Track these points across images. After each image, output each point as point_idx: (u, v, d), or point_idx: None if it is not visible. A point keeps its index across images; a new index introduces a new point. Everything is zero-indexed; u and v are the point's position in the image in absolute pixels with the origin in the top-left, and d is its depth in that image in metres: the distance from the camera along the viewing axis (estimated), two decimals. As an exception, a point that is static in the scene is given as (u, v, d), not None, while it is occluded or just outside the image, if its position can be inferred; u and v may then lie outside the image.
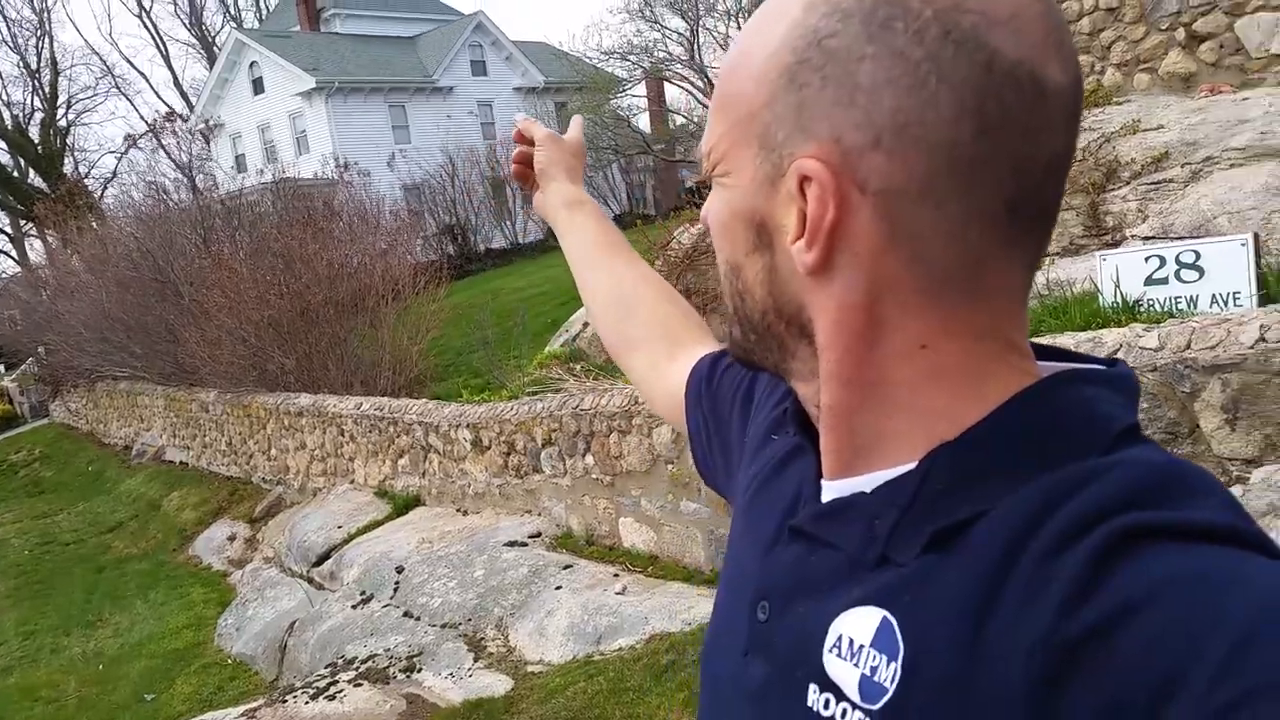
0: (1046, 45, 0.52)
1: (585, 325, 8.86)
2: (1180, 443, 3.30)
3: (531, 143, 1.20)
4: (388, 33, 30.91)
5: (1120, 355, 3.43)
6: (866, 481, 0.59)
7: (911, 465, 0.57)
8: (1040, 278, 4.97)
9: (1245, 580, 0.44)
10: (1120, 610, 0.45)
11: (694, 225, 8.02)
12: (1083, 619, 0.46)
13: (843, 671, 0.56)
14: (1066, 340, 3.67)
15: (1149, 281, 3.93)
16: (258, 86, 28.16)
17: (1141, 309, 3.90)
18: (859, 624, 0.56)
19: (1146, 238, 4.85)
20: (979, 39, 0.51)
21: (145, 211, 14.86)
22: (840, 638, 0.57)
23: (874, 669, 0.54)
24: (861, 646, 0.55)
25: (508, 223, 24.96)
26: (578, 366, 8.13)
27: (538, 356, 8.86)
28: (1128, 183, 5.33)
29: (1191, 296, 3.85)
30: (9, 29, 48.26)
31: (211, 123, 29.33)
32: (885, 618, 0.55)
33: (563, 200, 1.16)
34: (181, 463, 12.91)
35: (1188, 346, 3.27)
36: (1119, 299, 3.97)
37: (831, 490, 0.62)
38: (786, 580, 0.63)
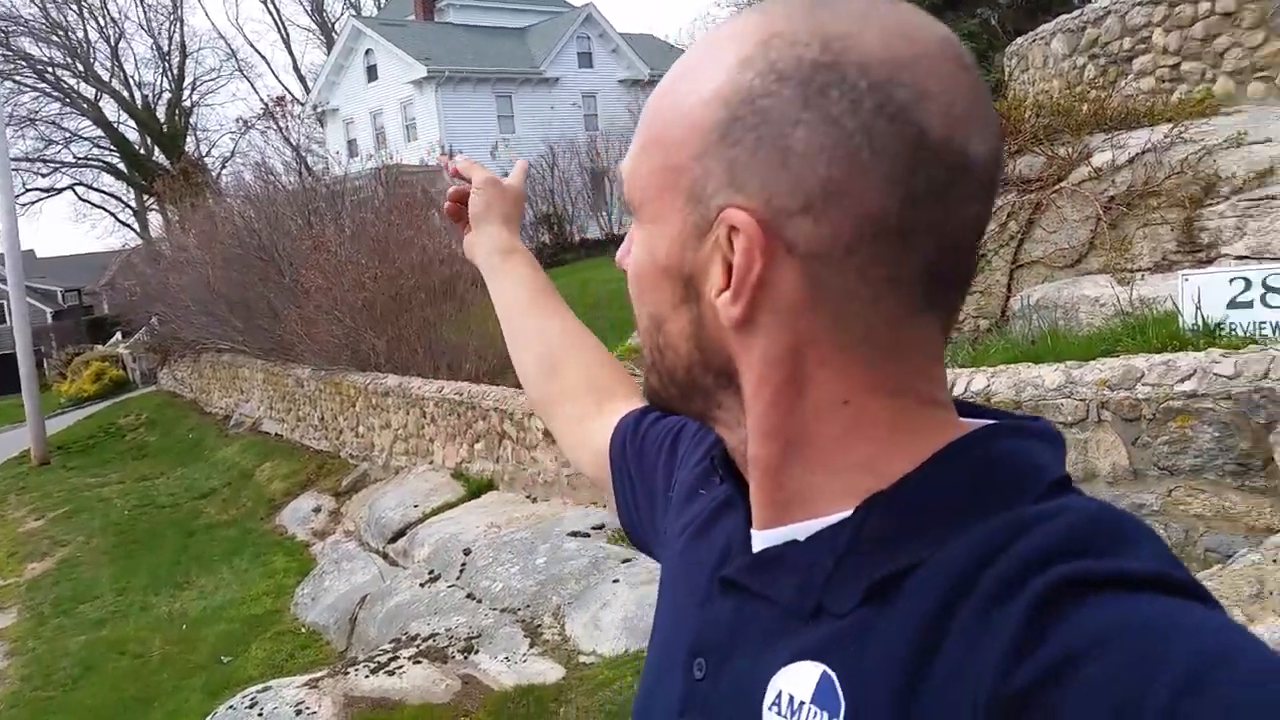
0: (972, 119, 0.54)
1: (665, 321, 8.88)
2: (1252, 476, 3.14)
3: (470, 182, 1.17)
4: (499, 24, 31.43)
5: (1194, 380, 3.28)
6: (799, 530, 0.59)
7: (844, 514, 0.57)
8: (1125, 294, 4.78)
9: (1184, 627, 0.44)
10: (1064, 661, 0.45)
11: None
12: (1027, 671, 0.45)
13: None
14: (1140, 362, 3.53)
15: (1232, 305, 3.74)
16: (372, 74, 28.97)
17: (1223, 334, 3.72)
18: (798, 680, 0.55)
19: (1241, 257, 4.61)
20: (911, 114, 0.52)
21: (254, 192, 15.43)
22: (780, 694, 0.56)
23: None
24: (802, 703, 0.54)
25: (603, 214, 25.16)
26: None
27: (617, 350, 8.92)
28: (1227, 198, 5.06)
29: (1277, 323, 3.64)
30: (145, 14, 50.98)
31: (324, 108, 30.32)
32: (825, 672, 0.54)
33: (495, 247, 1.14)
34: (276, 434, 13.42)
35: (1265, 375, 3.11)
36: (1200, 322, 3.79)
37: (762, 540, 0.62)
38: (722, 635, 0.62)
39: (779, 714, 0.56)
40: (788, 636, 0.57)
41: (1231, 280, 3.73)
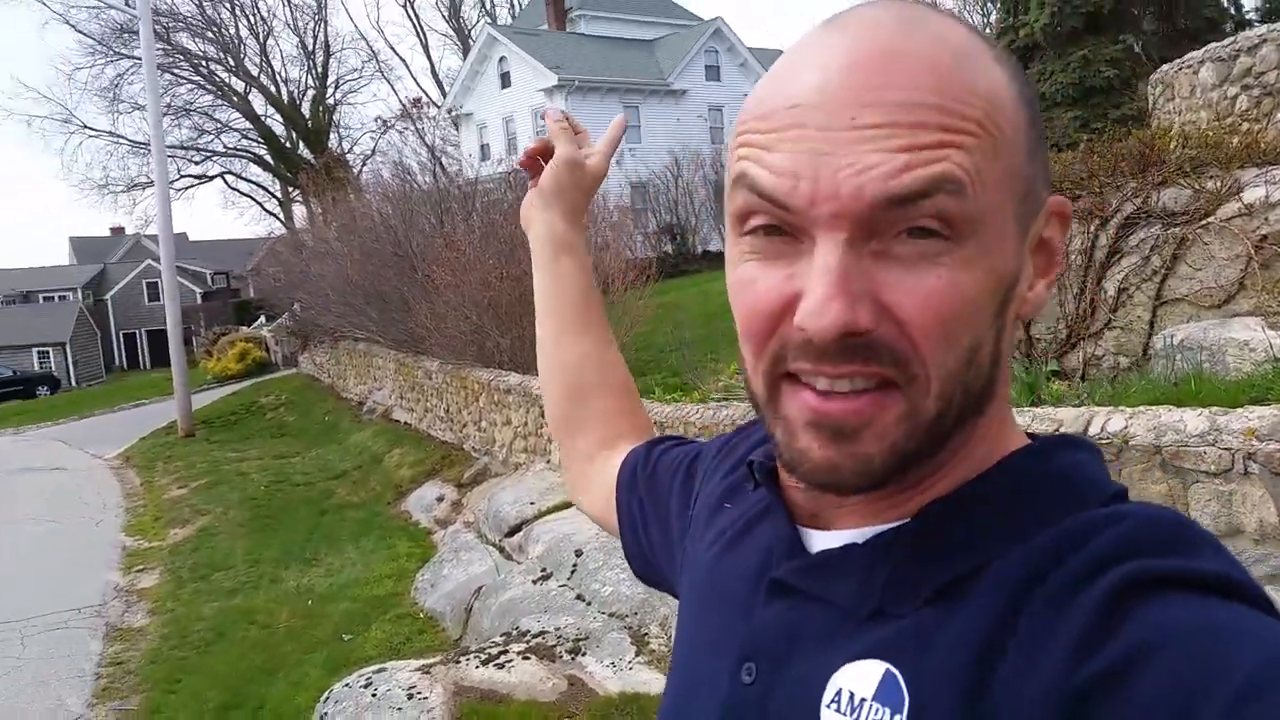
0: None
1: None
2: None
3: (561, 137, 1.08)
4: (629, 35, 31.79)
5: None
6: (857, 534, 0.61)
7: (904, 520, 0.59)
8: (1277, 339, 4.57)
9: (1252, 633, 0.46)
10: (1137, 653, 0.46)
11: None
12: (1097, 663, 0.47)
13: None
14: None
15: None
16: (505, 80, 29.66)
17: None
18: (860, 677, 0.56)
19: None
20: None
21: (392, 189, 15.99)
22: (840, 692, 0.56)
23: None
24: (863, 700, 0.55)
25: (725, 226, 25.11)
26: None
27: (734, 364, 8.94)
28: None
29: None
30: (291, 13, 53.43)
31: (459, 112, 31.18)
32: (888, 670, 0.55)
33: (550, 237, 1.06)
34: (405, 423, 13.77)
35: None
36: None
37: (820, 542, 0.63)
38: (775, 638, 0.62)
39: (838, 711, 0.56)
40: (846, 637, 0.58)
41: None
